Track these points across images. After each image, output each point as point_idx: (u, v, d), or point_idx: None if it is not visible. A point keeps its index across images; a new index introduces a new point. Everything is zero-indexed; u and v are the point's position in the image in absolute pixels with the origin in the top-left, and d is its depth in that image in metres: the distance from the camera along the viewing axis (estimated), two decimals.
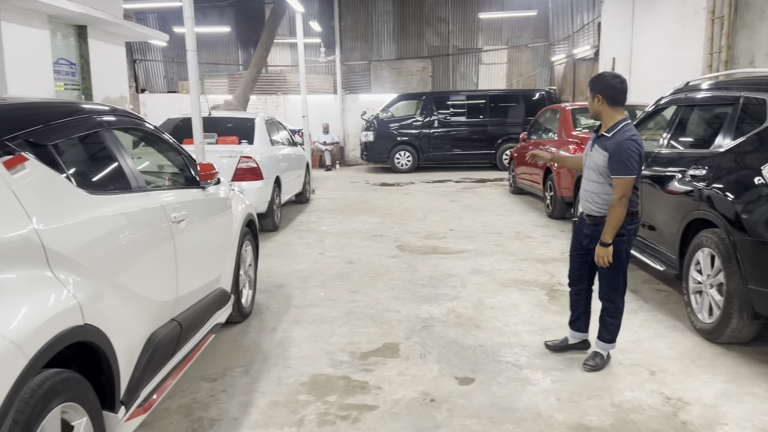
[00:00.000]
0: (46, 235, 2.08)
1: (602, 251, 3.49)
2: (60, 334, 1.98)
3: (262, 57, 14.34)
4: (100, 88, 9.54)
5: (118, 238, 2.58)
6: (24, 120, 2.35)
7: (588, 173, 3.65)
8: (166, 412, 3.26)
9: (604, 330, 3.75)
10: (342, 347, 4.16)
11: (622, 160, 3.38)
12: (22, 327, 1.83)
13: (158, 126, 3.74)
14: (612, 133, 3.48)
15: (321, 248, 7.24)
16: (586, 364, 3.72)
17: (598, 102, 3.52)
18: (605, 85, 3.52)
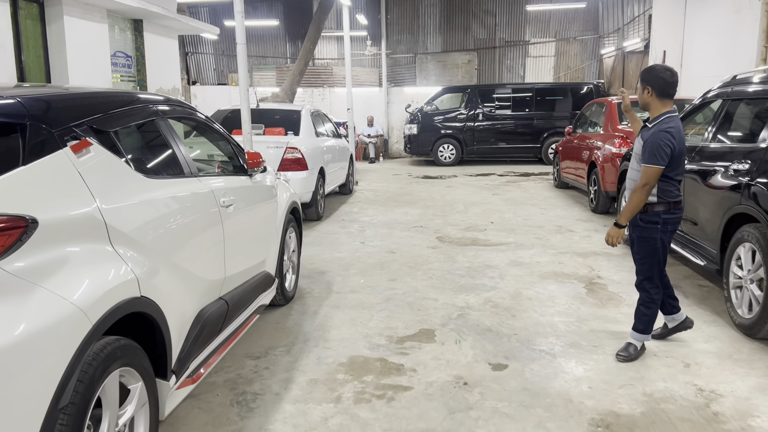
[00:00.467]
0: (107, 214, 2.28)
1: (614, 231, 3.67)
2: (119, 304, 2.18)
3: (309, 50, 14.57)
4: (154, 79, 9.91)
5: (172, 219, 2.78)
6: (88, 108, 2.55)
7: (632, 162, 3.77)
8: (213, 386, 3.47)
9: (638, 320, 3.80)
10: (380, 331, 4.30)
11: (653, 150, 3.47)
12: (87, 295, 2.02)
13: (209, 116, 3.94)
14: (653, 124, 3.56)
15: (362, 238, 7.40)
16: (619, 354, 3.76)
17: (648, 93, 3.60)
18: (655, 77, 3.59)
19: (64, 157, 2.22)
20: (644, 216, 3.64)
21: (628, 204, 3.59)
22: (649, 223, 3.63)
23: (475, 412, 3.17)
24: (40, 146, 2.14)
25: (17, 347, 1.75)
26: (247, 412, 3.18)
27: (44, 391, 1.82)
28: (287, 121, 8.58)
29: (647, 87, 3.59)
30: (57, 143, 2.21)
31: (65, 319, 1.91)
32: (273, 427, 3.04)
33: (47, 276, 1.93)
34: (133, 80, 9.68)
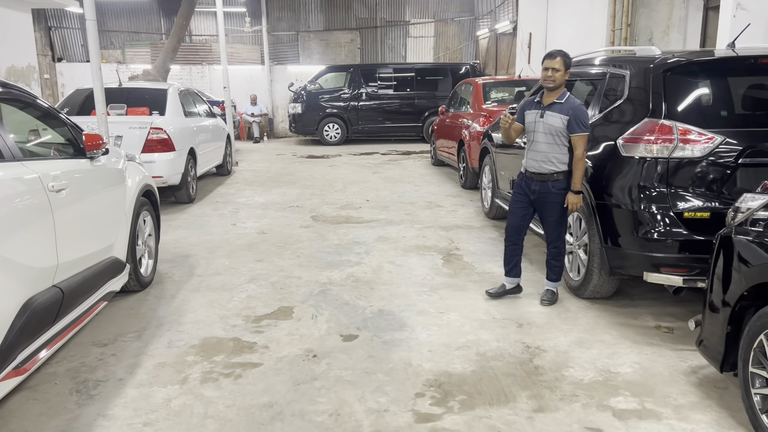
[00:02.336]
0: None
1: (576, 198, 4.09)
2: None
3: (182, 26, 14.02)
4: (4, 57, 9.18)
5: None
6: None
7: (538, 137, 4.17)
8: (52, 375, 3.36)
9: (552, 272, 4.38)
10: (238, 312, 4.32)
11: (585, 119, 4.05)
12: None
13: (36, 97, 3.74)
14: (565, 99, 4.10)
15: (234, 219, 7.33)
16: (543, 300, 4.37)
17: (566, 75, 4.07)
18: (571, 61, 4.12)
19: None
20: (557, 183, 4.15)
21: (578, 172, 4.05)
22: (561, 189, 4.16)
23: (320, 382, 3.30)
24: None
25: None
26: (87, 400, 3.12)
27: None
28: (153, 101, 8.26)
29: (569, 69, 4.08)
30: None
31: None
32: (112, 412, 3.01)
33: None
34: None
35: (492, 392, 3.18)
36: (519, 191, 4.35)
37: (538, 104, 4.21)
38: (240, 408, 3.05)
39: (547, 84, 4.09)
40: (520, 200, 4.34)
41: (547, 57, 4.11)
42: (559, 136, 4.09)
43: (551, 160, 4.13)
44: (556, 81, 4.06)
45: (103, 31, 18.53)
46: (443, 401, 3.10)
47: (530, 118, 4.24)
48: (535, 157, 4.21)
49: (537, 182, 4.21)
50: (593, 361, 3.51)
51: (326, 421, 2.93)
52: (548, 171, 4.15)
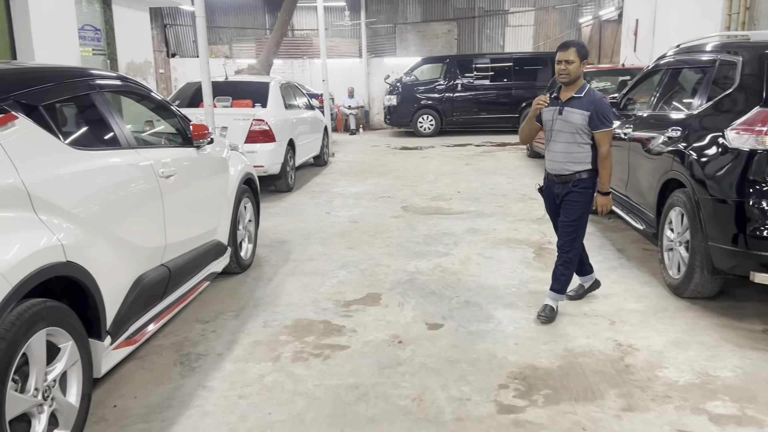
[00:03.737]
0: (30, 184, 2.41)
1: (605, 200, 3.84)
2: (42, 268, 2.33)
3: (284, 21, 14.52)
4: (124, 52, 9.92)
5: (102, 188, 2.91)
6: (15, 83, 2.66)
7: (557, 136, 3.83)
8: (159, 348, 3.64)
9: (557, 282, 3.96)
10: (329, 296, 4.48)
11: (608, 114, 3.72)
12: (7, 259, 2.17)
13: (152, 90, 4.03)
14: (584, 93, 3.74)
15: (329, 208, 7.55)
16: (541, 315, 3.93)
17: (583, 66, 3.74)
18: (587, 52, 3.78)
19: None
20: (581, 182, 3.82)
21: (606, 170, 3.77)
22: (585, 188, 3.83)
23: (404, 368, 3.37)
24: None
25: None
26: (189, 371, 3.36)
27: None
28: (256, 93, 8.64)
29: (585, 61, 3.74)
30: None
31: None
32: (211, 384, 3.22)
33: None
34: (102, 54, 9.68)
35: (578, 388, 3.11)
36: (548, 196, 4.05)
37: (555, 100, 3.85)
38: (327, 387, 3.17)
39: (562, 78, 3.75)
40: (551, 206, 4.06)
41: (560, 49, 3.78)
42: (579, 133, 3.75)
43: (572, 160, 3.80)
44: (570, 74, 3.71)
45: (212, 27, 19.54)
46: (527, 394, 3.07)
47: (547, 115, 3.89)
48: (555, 157, 3.87)
49: (559, 185, 3.89)
50: (690, 362, 3.35)
51: (409, 405, 2.99)
52: (570, 172, 3.82)
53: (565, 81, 3.76)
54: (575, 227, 3.88)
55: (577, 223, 3.87)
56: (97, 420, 2.87)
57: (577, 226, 3.88)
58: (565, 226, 3.91)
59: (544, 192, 4.09)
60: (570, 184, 3.83)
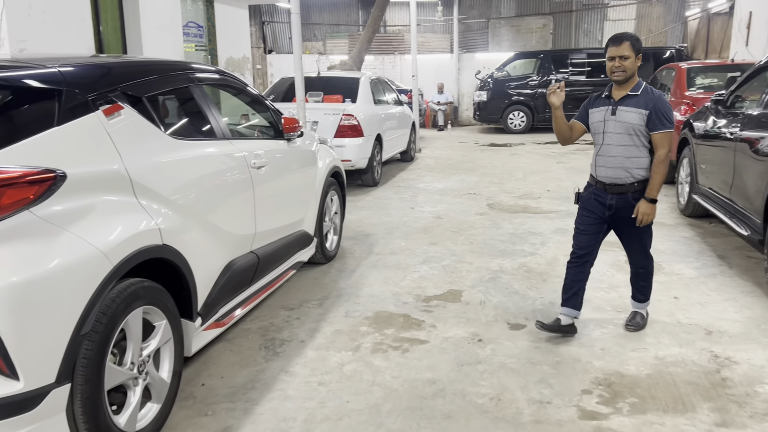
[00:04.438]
0: (132, 170, 2.57)
1: (650, 208, 3.40)
2: (140, 249, 2.48)
3: (377, 17, 14.66)
4: (224, 49, 10.36)
5: (198, 177, 3.06)
6: (122, 75, 2.85)
7: (611, 139, 3.46)
8: (246, 331, 3.79)
9: (639, 292, 3.76)
10: (409, 290, 4.49)
11: (668, 114, 3.36)
12: (109, 240, 2.33)
13: (248, 84, 4.19)
14: (641, 91, 3.40)
15: (413, 203, 7.57)
16: (629, 325, 3.74)
17: (638, 62, 3.37)
18: (641, 45, 3.43)
19: (96, 119, 2.52)
20: (639, 194, 3.44)
21: (659, 176, 3.37)
22: None
23: (483, 366, 3.32)
24: (74, 109, 2.44)
25: (45, 280, 2.07)
26: (273, 356, 3.48)
27: (68, 319, 2.14)
28: (346, 89, 8.79)
29: (640, 55, 3.38)
30: (90, 107, 2.52)
31: (88, 260, 2.22)
32: (293, 369, 3.32)
33: (74, 222, 2.24)
34: (204, 49, 10.16)
35: (668, 399, 2.96)
36: (589, 206, 3.59)
37: (607, 99, 3.47)
38: (405, 380, 3.19)
39: (617, 76, 3.37)
40: (590, 217, 3.59)
41: (612, 43, 3.38)
42: (637, 135, 3.38)
43: (629, 167, 3.42)
44: (626, 71, 3.34)
45: (307, 24, 20.04)
46: (611, 401, 2.95)
47: (597, 117, 3.50)
48: (608, 163, 3.47)
49: (613, 195, 3.47)
50: None
51: (486, 404, 2.95)
52: (627, 181, 3.43)
53: (620, 79, 3.37)
54: (645, 242, 3.61)
55: (646, 236, 3.59)
56: (186, 397, 3.03)
57: (647, 239, 3.61)
58: (634, 244, 3.62)
59: (583, 201, 3.65)
60: (629, 196, 3.44)
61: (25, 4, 6.18)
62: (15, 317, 1.99)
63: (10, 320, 1.97)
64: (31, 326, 2.03)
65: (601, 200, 3.52)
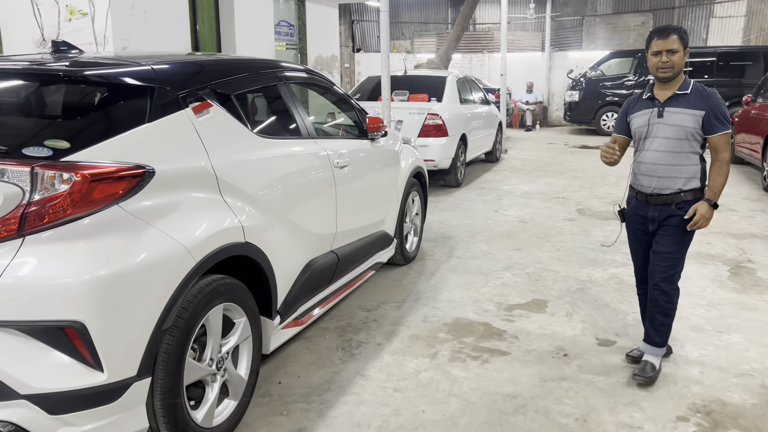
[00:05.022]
0: (218, 168, 2.59)
1: (710, 213, 2.98)
2: (223, 247, 2.49)
3: (466, 15, 14.45)
4: (313, 47, 10.50)
5: (282, 175, 3.05)
6: (212, 74, 2.88)
7: (656, 145, 3.03)
8: (324, 331, 3.78)
9: (655, 332, 3.19)
10: (491, 298, 4.34)
11: (725, 113, 2.98)
12: (193, 237, 2.35)
13: (334, 83, 4.17)
14: (690, 89, 3.01)
15: (497, 206, 7.37)
16: (637, 375, 3.13)
17: (686, 57, 3.00)
18: (689, 39, 3.07)
19: (185, 116, 2.55)
20: (686, 204, 3.02)
21: (722, 179, 2.98)
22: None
23: (568, 383, 3.14)
24: (165, 107, 2.49)
25: (130, 275, 2.11)
26: (349, 357, 3.44)
27: (151, 313, 2.17)
28: (432, 88, 8.68)
29: (687, 49, 3.01)
30: (180, 104, 2.55)
31: (172, 256, 2.25)
32: (368, 373, 3.27)
33: (160, 218, 2.27)
34: (294, 48, 10.35)
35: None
36: (634, 224, 3.23)
37: (650, 101, 3.07)
38: (483, 393, 3.06)
39: (663, 73, 2.97)
40: (639, 236, 3.23)
41: (657, 36, 2.99)
42: (689, 139, 2.98)
43: (676, 175, 3.01)
44: (675, 67, 2.96)
45: (395, 22, 20.07)
46: (711, 431, 2.71)
47: (640, 121, 3.10)
48: (652, 171, 3.05)
49: (656, 207, 3.07)
50: None
51: (571, 424, 2.78)
52: (674, 190, 3.03)
53: (668, 76, 2.98)
54: (676, 259, 3.10)
55: (679, 254, 3.10)
56: (263, 394, 3.04)
57: (679, 258, 3.11)
58: (663, 259, 3.10)
59: (628, 219, 3.28)
60: (673, 206, 3.04)
61: (129, 5, 6.49)
62: (101, 309, 2.03)
63: (97, 312, 2.02)
64: (116, 319, 2.07)
65: (643, 213, 3.14)
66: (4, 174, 1.97)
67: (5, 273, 1.94)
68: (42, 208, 2.00)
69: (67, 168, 2.04)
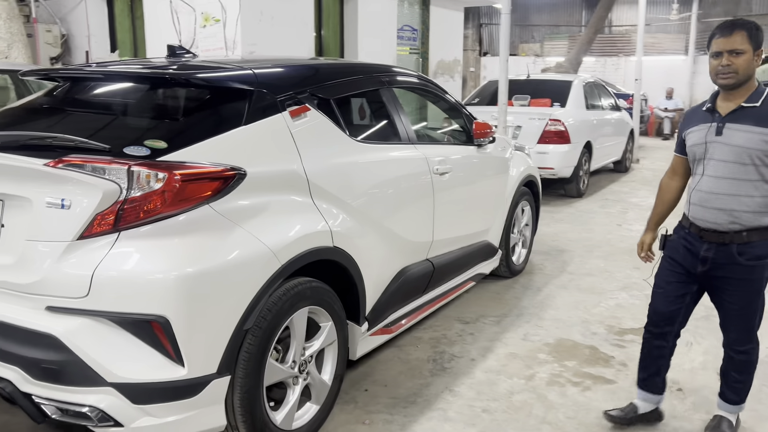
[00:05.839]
0: (310, 171, 2.59)
1: None
2: (310, 250, 2.49)
3: (601, 17, 13.75)
4: (435, 51, 10.47)
5: (376, 181, 3.01)
6: (313, 78, 2.91)
7: (714, 168, 2.46)
8: (417, 340, 3.69)
9: (729, 389, 2.71)
10: (602, 319, 4.04)
11: None
12: (279, 239, 2.36)
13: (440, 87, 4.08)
14: (761, 101, 2.39)
15: (621, 220, 6.89)
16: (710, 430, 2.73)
17: (756, 60, 2.36)
18: (762, 37, 2.40)
19: (281, 119, 2.58)
20: (751, 248, 2.45)
21: None
22: (757, 258, 2.45)
23: (678, 422, 2.83)
24: (262, 110, 2.53)
25: (215, 274, 2.15)
26: (439, 371, 3.33)
27: (233, 313, 2.21)
28: (556, 93, 8.31)
29: (760, 50, 2.37)
30: (277, 108, 2.59)
31: (257, 257, 2.27)
32: (458, 389, 3.14)
33: (248, 219, 2.31)
34: (417, 52, 10.37)
35: None
36: (676, 256, 2.66)
37: (710, 114, 2.49)
38: (581, 423, 2.83)
39: (724, 80, 2.38)
40: (676, 271, 2.66)
41: (719, 33, 2.39)
42: (755, 164, 2.37)
43: (735, 208, 2.43)
44: (738, 72, 2.35)
45: (525, 25, 19.57)
46: None
47: (696, 138, 2.52)
48: (706, 201, 2.47)
49: (710, 245, 2.51)
50: None
51: None
52: (733, 227, 2.44)
53: (731, 84, 2.38)
54: (751, 312, 2.55)
55: (753, 305, 2.54)
56: (348, 401, 3.01)
57: (755, 310, 2.56)
58: (734, 317, 2.59)
59: (669, 247, 2.72)
60: (734, 248, 2.45)
61: (257, 11, 6.82)
62: (185, 306, 2.09)
63: (180, 308, 2.08)
64: (199, 317, 2.12)
65: (694, 249, 2.56)
66: (104, 171, 2.09)
67: (101, 265, 2.05)
68: (137, 205, 2.09)
69: (162, 167, 2.12)
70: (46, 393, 2.06)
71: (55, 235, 2.08)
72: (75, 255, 2.06)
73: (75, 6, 8.25)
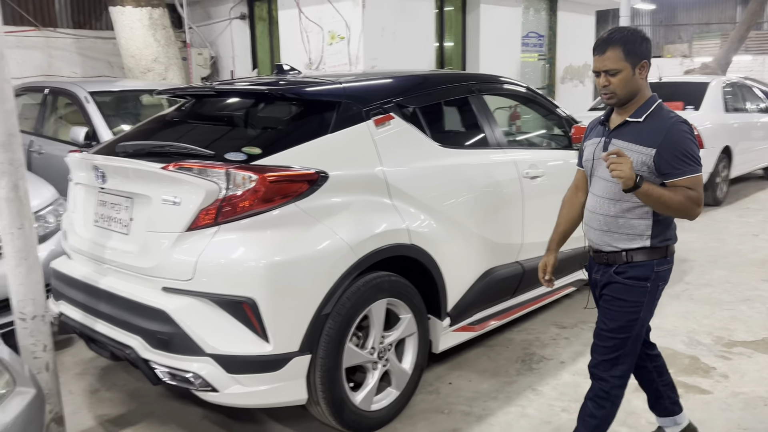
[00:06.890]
0: (390, 174, 2.82)
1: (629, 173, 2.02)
2: (386, 246, 2.71)
3: (754, 12, 12.62)
4: (563, 56, 10.28)
5: (459, 184, 3.16)
6: (400, 89, 3.14)
7: (599, 188, 2.30)
8: (508, 341, 3.77)
9: (582, 424, 2.40)
10: (710, 330, 3.85)
11: (691, 151, 2.14)
12: (356, 235, 2.60)
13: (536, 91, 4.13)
14: (645, 117, 2.19)
15: (759, 230, 6.37)
16: None
17: (641, 73, 2.17)
18: (648, 47, 2.21)
19: (365, 128, 2.84)
20: (631, 269, 2.24)
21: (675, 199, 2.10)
22: (636, 279, 2.24)
23: None
24: (348, 119, 2.81)
25: (297, 263, 2.44)
26: (526, 370, 3.40)
27: (312, 299, 2.48)
28: (691, 95, 7.82)
29: (643, 61, 2.16)
30: (362, 117, 2.85)
31: (335, 251, 2.53)
32: (541, 388, 3.19)
33: (329, 216, 2.57)
34: (544, 59, 10.25)
35: None
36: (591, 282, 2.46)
37: (603, 127, 2.32)
38: None
39: (607, 99, 2.21)
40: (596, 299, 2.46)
41: (595, 50, 2.19)
42: None
43: (615, 230, 2.24)
44: (617, 92, 2.16)
45: (670, 25, 18.42)
46: None
47: (587, 152, 2.37)
48: (591, 221, 2.32)
49: (599, 266, 2.34)
50: None
51: None
52: (612, 248, 2.26)
53: (613, 103, 2.22)
54: (618, 341, 2.29)
55: (621, 335, 2.29)
56: (431, 391, 3.18)
57: (622, 339, 2.29)
58: (601, 338, 2.35)
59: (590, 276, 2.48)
60: (612, 270, 2.28)
61: (379, 26, 7.20)
62: (271, 289, 2.40)
63: (268, 291, 2.39)
64: (281, 300, 2.42)
65: (591, 273, 2.44)
66: (207, 174, 2.46)
67: (203, 253, 2.42)
68: (233, 202, 2.44)
69: (254, 170, 2.46)
70: (160, 359, 2.47)
71: (168, 227, 2.48)
72: (183, 244, 2.45)
73: (222, 30, 9.20)
